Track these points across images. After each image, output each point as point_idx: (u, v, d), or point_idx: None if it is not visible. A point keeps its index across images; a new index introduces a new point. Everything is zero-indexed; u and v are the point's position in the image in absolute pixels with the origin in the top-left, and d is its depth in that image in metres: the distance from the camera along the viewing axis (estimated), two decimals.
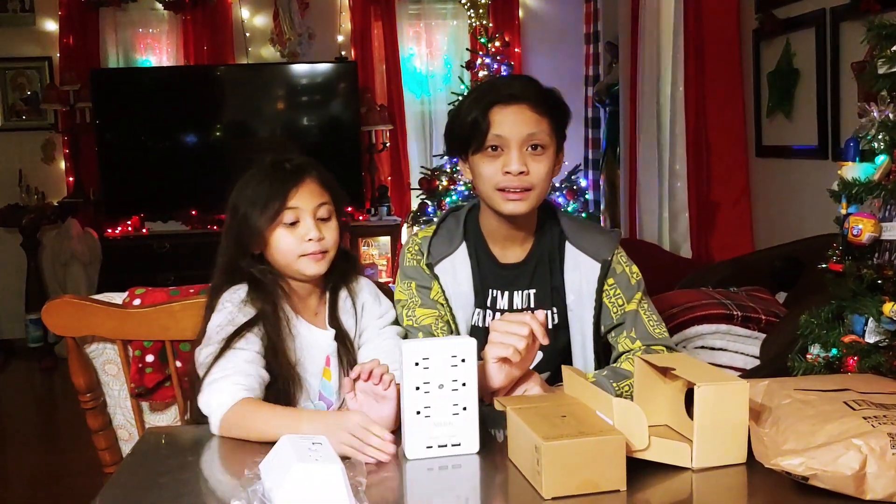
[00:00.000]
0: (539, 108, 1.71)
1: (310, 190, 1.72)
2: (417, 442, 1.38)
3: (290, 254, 1.71)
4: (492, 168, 1.72)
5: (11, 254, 6.02)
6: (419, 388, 1.37)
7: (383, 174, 6.34)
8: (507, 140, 1.70)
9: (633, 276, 1.82)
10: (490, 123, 1.70)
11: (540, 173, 1.71)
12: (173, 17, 6.19)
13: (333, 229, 1.74)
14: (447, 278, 1.81)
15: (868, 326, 1.64)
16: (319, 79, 6.18)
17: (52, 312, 1.84)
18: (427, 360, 1.37)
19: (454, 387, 1.38)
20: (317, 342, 1.75)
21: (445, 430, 1.38)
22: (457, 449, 1.39)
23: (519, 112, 1.70)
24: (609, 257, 1.80)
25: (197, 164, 5.99)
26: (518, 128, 1.70)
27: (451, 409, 1.38)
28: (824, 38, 3.55)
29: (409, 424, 1.38)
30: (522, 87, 1.73)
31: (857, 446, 1.15)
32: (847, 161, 1.73)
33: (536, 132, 1.70)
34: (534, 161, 1.71)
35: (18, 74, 6.12)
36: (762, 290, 2.92)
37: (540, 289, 1.82)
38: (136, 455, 1.48)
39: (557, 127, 1.75)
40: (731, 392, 1.28)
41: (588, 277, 1.80)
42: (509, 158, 1.69)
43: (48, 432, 4.61)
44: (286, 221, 1.70)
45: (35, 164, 6.12)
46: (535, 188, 1.72)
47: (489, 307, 1.83)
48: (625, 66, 5.19)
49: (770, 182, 4.15)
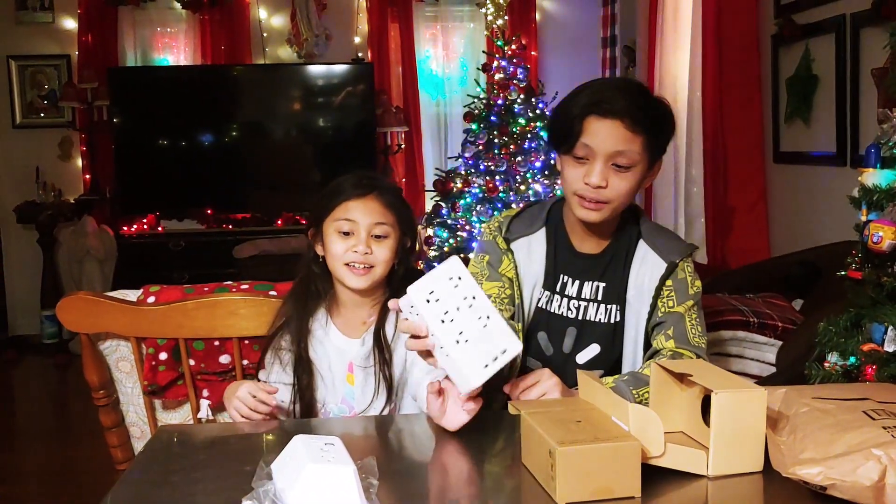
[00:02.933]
0: (635, 126, 1.66)
1: (371, 207, 1.77)
2: (476, 366, 1.38)
3: (337, 259, 1.76)
4: (575, 174, 1.71)
5: (28, 250, 6.06)
6: (443, 320, 1.38)
7: (398, 176, 6.34)
8: (594, 152, 1.67)
9: (692, 287, 1.80)
10: (583, 131, 1.68)
11: (619, 190, 1.69)
12: (191, 17, 6.22)
13: (387, 249, 1.78)
14: (521, 255, 1.83)
15: (888, 335, 1.62)
16: (336, 80, 6.19)
17: (66, 309, 1.84)
18: (432, 293, 1.38)
19: (469, 303, 1.39)
20: (343, 349, 1.80)
21: (487, 345, 1.39)
22: (506, 356, 1.39)
23: (613, 127, 1.66)
24: (677, 260, 1.79)
25: (213, 163, 6.02)
26: (607, 143, 1.67)
27: (478, 322, 1.39)
28: (844, 44, 3.53)
29: (457, 357, 1.38)
30: (623, 103, 1.67)
31: (877, 456, 1.13)
32: (868, 167, 1.72)
33: (625, 151, 1.67)
34: (616, 177, 1.69)
35: (37, 72, 6.16)
36: (778, 296, 2.89)
37: (610, 283, 1.82)
38: (148, 453, 1.48)
39: (653, 144, 1.70)
40: (749, 399, 1.27)
41: (651, 275, 1.79)
42: (592, 170, 1.68)
43: (62, 428, 4.63)
44: (342, 230, 1.76)
45: (52, 162, 6.16)
46: (612, 202, 1.71)
47: (558, 292, 1.84)
48: (642, 70, 5.17)
49: (787, 188, 4.12)
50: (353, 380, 1.79)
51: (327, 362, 1.81)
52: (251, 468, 1.24)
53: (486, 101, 5.10)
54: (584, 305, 1.82)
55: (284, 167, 6.21)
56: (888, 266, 1.66)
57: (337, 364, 1.80)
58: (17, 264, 6.20)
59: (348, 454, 1.22)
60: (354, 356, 1.80)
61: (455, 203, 5.14)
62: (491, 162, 4.97)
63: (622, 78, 1.58)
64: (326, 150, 6.12)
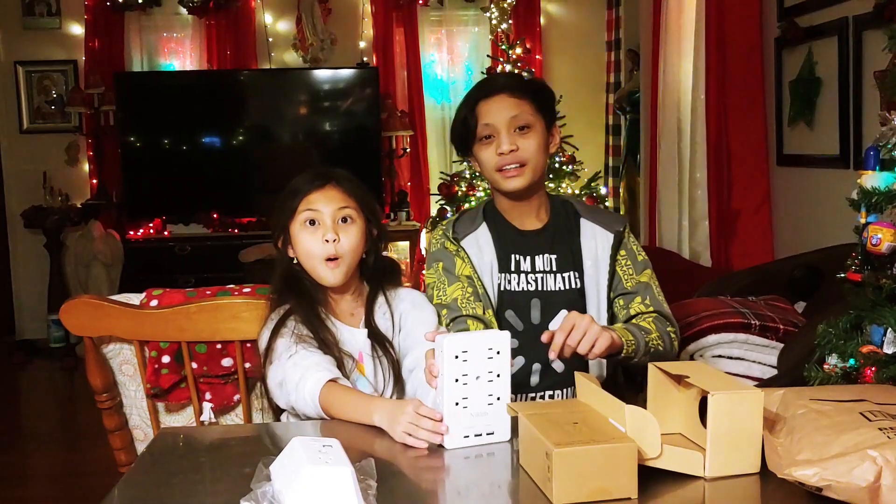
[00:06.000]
0: (518, 94, 1.93)
1: (331, 195, 1.80)
2: (457, 432, 1.42)
3: (310, 255, 1.78)
4: (488, 153, 1.94)
5: (35, 255, 6.09)
6: (458, 380, 1.41)
7: (403, 179, 6.36)
8: (495, 126, 1.92)
9: (640, 255, 2.00)
10: (478, 116, 1.93)
11: (530, 148, 1.91)
12: (197, 22, 6.24)
13: (354, 235, 1.79)
14: (473, 250, 1.97)
15: (887, 337, 1.62)
16: (341, 84, 6.20)
17: (69, 312, 1.85)
18: (466, 353, 1.41)
19: (490, 378, 1.43)
20: (349, 339, 1.81)
21: (481, 420, 1.43)
22: (491, 437, 1.44)
23: (500, 101, 1.92)
24: (621, 229, 1.99)
25: (219, 167, 6.04)
26: (501, 114, 1.91)
27: (487, 399, 1.43)
28: (847, 47, 3.52)
29: (448, 415, 1.42)
30: (501, 80, 2.01)
31: (873, 457, 1.14)
32: (867, 170, 1.72)
33: (519, 114, 1.91)
34: (522, 139, 1.91)
35: (44, 77, 6.20)
36: (781, 299, 2.89)
37: (560, 255, 1.98)
38: (150, 455, 1.49)
39: (541, 107, 1.95)
40: (746, 401, 1.27)
41: (603, 245, 1.97)
42: (500, 141, 1.91)
43: (68, 431, 4.65)
44: (307, 220, 1.78)
45: (59, 166, 6.19)
46: (529, 162, 1.92)
47: (513, 270, 1.98)
48: (646, 73, 5.17)
49: (791, 191, 4.12)
50: (363, 369, 1.80)
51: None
52: (251, 470, 1.25)
53: None
54: (542, 277, 1.97)
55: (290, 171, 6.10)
56: (887, 268, 1.66)
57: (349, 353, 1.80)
58: (24, 269, 6.23)
59: (346, 456, 1.23)
60: (362, 345, 1.81)
61: (460, 206, 5.14)
62: None
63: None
64: (332, 154, 6.13)
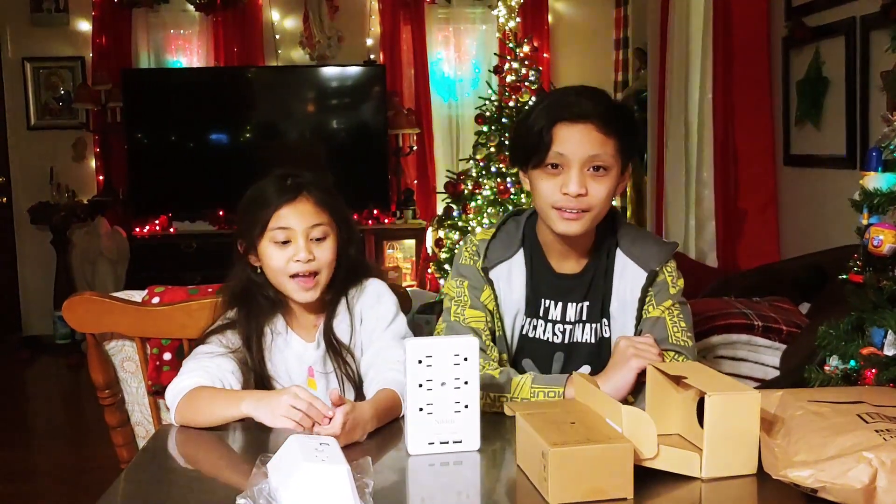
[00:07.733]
0: (606, 129, 1.63)
1: (303, 210, 1.73)
2: (420, 438, 1.41)
3: (279, 272, 1.72)
4: (550, 186, 1.66)
5: (41, 251, 6.11)
6: (422, 385, 1.40)
7: (409, 177, 6.36)
8: (569, 159, 1.63)
9: (673, 287, 1.76)
10: (553, 140, 1.63)
11: (599, 196, 1.65)
12: (204, 19, 6.25)
13: (328, 250, 1.74)
14: (501, 284, 1.76)
15: (887, 339, 1.61)
16: (348, 82, 6.21)
17: (72, 308, 1.86)
18: (430, 357, 1.39)
19: (456, 385, 1.40)
20: (301, 354, 1.78)
21: (447, 427, 1.41)
22: (458, 446, 1.42)
23: (584, 131, 1.63)
24: (657, 268, 1.74)
25: (225, 165, 6.04)
26: (581, 148, 1.62)
27: (454, 406, 1.41)
28: (854, 47, 3.51)
29: (411, 420, 1.41)
30: (591, 106, 1.64)
31: (868, 459, 1.14)
32: (869, 171, 1.71)
33: (600, 154, 1.63)
34: (594, 182, 1.64)
35: (52, 74, 6.22)
36: (785, 300, 2.88)
37: (594, 302, 1.77)
38: (149, 451, 1.50)
39: (624, 147, 1.67)
40: (743, 402, 1.27)
41: (632, 286, 1.75)
42: (569, 178, 1.63)
43: (74, 427, 4.67)
44: (278, 240, 1.71)
45: (66, 163, 6.21)
46: (593, 210, 1.66)
47: (541, 317, 1.78)
48: (653, 72, 5.16)
49: (798, 191, 4.11)
50: (314, 384, 1.76)
51: (285, 370, 1.77)
52: (248, 467, 1.25)
53: (498, 104, 5.11)
54: (570, 329, 1.77)
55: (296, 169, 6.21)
56: (889, 270, 1.65)
57: (296, 371, 1.77)
58: (30, 265, 6.26)
59: (343, 454, 1.23)
60: (313, 361, 1.78)
61: (466, 205, 5.15)
62: (502, 164, 4.98)
63: (582, 85, 1.55)
64: (339, 151, 6.14)
